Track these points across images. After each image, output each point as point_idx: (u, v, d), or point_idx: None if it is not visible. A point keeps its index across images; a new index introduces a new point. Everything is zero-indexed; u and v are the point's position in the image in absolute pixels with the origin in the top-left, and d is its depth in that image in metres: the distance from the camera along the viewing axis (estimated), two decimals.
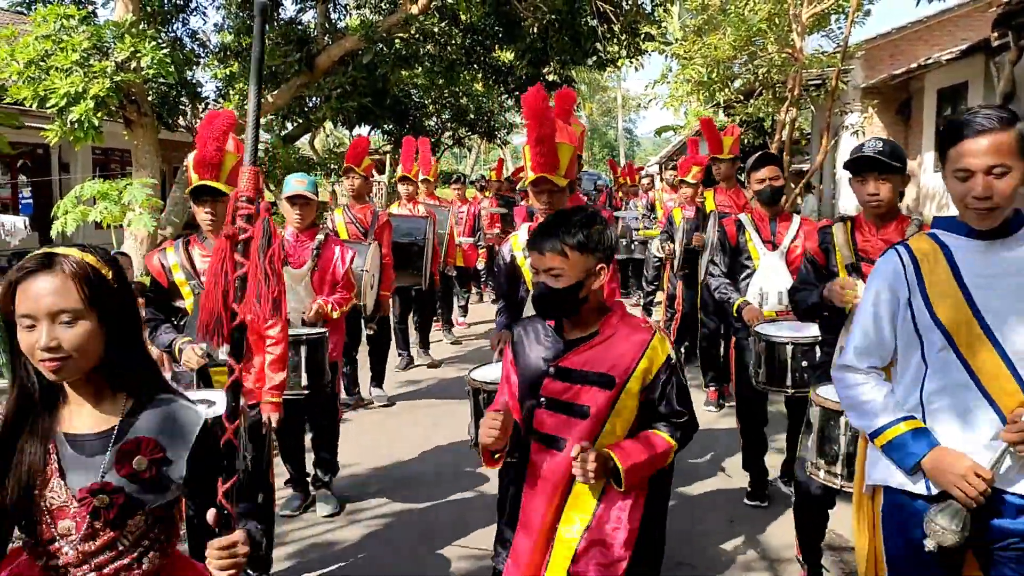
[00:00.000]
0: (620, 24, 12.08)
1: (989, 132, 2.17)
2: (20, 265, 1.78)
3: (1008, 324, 2.23)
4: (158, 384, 1.95)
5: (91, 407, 1.87)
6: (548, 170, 3.45)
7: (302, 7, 14.00)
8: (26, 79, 8.34)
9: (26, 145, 15.64)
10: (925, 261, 2.36)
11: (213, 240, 3.72)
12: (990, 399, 2.24)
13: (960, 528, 2.19)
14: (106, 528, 1.80)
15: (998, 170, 2.17)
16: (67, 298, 1.74)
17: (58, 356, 1.73)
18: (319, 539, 4.57)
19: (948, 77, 13.56)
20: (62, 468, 1.81)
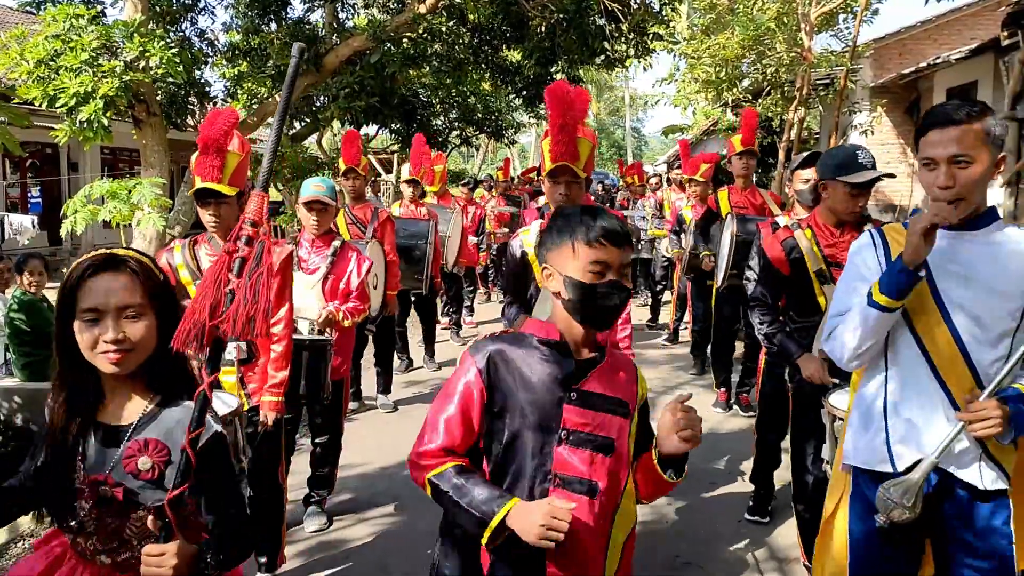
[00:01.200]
0: (628, 23, 12.04)
1: (955, 123, 2.24)
2: (83, 263, 1.90)
3: (965, 312, 2.33)
4: (188, 387, 1.99)
5: (122, 401, 1.99)
6: (569, 159, 3.41)
7: (310, 7, 13.99)
8: (35, 79, 8.35)
9: (35, 144, 15.72)
10: (895, 244, 2.47)
11: (219, 240, 3.72)
12: (942, 381, 2.35)
13: (905, 499, 2.28)
14: (112, 518, 1.92)
15: (961, 160, 2.23)
16: (134, 294, 1.89)
17: (123, 349, 1.86)
18: (326, 538, 4.58)
19: (957, 76, 13.51)
20: (85, 453, 1.94)
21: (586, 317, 2.08)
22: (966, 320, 2.32)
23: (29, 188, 19.09)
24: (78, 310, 1.87)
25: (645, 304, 11.43)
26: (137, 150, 11.92)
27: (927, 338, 2.37)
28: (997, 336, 2.32)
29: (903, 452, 2.41)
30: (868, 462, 2.49)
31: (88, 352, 1.88)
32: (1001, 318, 2.32)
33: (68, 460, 1.93)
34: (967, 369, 2.33)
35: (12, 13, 19.03)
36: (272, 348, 3.79)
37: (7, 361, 7.13)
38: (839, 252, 3.63)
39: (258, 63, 12.58)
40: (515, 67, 14.66)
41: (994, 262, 2.33)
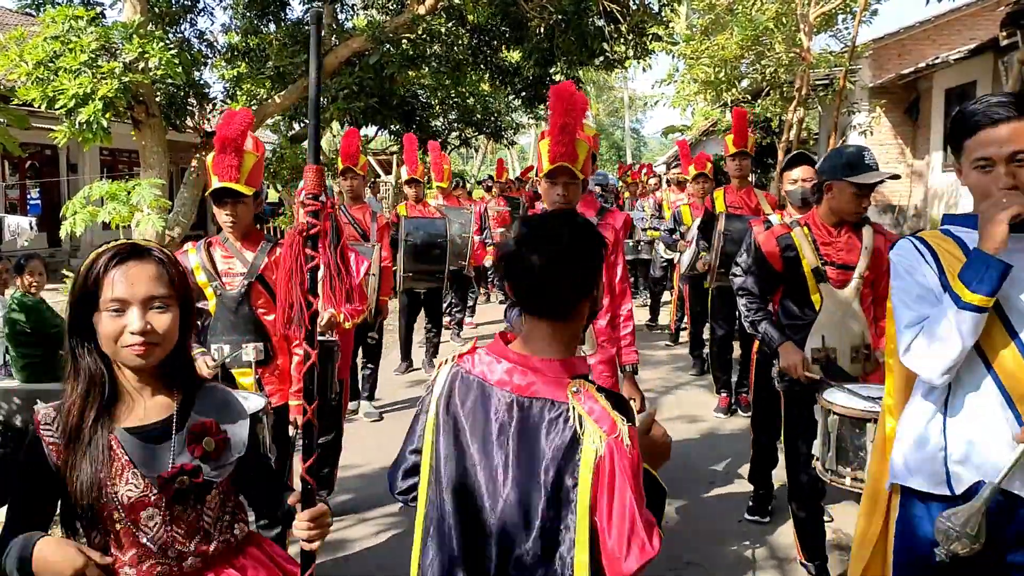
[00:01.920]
0: (627, 24, 12.06)
1: (1008, 120, 2.09)
2: (108, 252, 1.84)
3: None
4: (197, 376, 2.05)
5: (145, 400, 1.93)
6: (568, 159, 3.42)
7: (309, 7, 14.02)
8: (35, 80, 8.35)
9: (35, 146, 15.72)
10: (944, 253, 2.24)
11: (234, 241, 3.73)
12: (1008, 398, 2.11)
13: (975, 532, 2.05)
14: (187, 509, 1.90)
15: (1022, 156, 2.09)
16: (161, 284, 1.85)
17: (149, 341, 1.81)
18: (328, 538, 4.56)
19: (956, 77, 13.52)
20: (132, 460, 1.86)
21: None
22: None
23: (28, 190, 19.08)
24: (102, 300, 1.80)
25: (645, 304, 11.44)
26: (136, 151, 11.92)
27: (991, 351, 2.14)
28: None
29: (962, 474, 2.18)
30: (923, 484, 2.26)
31: (110, 345, 1.82)
32: None
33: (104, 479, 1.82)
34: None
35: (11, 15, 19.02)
36: (295, 352, 3.78)
37: (6, 362, 7.13)
38: (835, 252, 3.65)
39: (257, 64, 12.59)
40: (514, 68, 14.67)
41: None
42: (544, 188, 3.61)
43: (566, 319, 1.85)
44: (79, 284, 1.82)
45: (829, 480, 3.21)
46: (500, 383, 1.83)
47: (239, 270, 3.70)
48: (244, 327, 3.69)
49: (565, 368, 1.82)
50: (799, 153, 4.98)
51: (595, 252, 1.84)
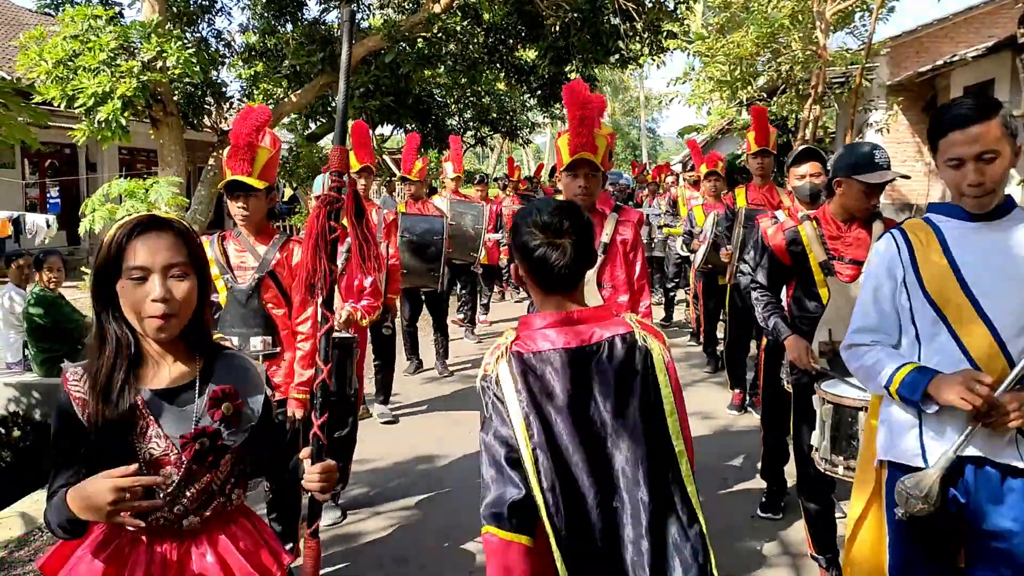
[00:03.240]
0: (642, 22, 12.06)
1: (976, 121, 2.29)
2: (129, 223, 1.93)
3: (998, 302, 2.32)
4: (215, 344, 2.14)
5: (168, 364, 2.03)
6: (588, 150, 3.45)
7: (326, 7, 14.07)
8: (54, 79, 8.45)
9: (54, 145, 15.85)
10: (918, 243, 2.47)
11: (247, 235, 3.79)
12: (978, 370, 2.29)
13: (924, 493, 2.28)
14: (203, 470, 2.00)
15: (988, 156, 2.29)
16: (179, 253, 1.93)
17: (168, 310, 1.90)
18: (340, 532, 4.61)
19: (974, 74, 13.44)
20: (157, 420, 1.97)
21: None
22: (998, 311, 2.31)
23: (48, 188, 19.26)
24: (125, 269, 1.89)
25: (659, 303, 11.44)
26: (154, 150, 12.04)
27: (963, 333, 2.35)
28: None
29: (935, 448, 2.38)
30: (900, 457, 2.47)
31: (133, 314, 1.92)
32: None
33: (131, 436, 1.94)
34: (1006, 362, 2.30)
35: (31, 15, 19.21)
36: (299, 346, 3.84)
37: (25, 357, 7.22)
38: (843, 246, 3.66)
39: (274, 64, 12.67)
40: (529, 66, 14.69)
41: (1017, 250, 2.35)
42: (565, 181, 3.64)
43: (581, 282, 2.13)
44: (103, 253, 1.91)
45: (824, 469, 3.27)
46: (565, 345, 2.03)
47: (251, 264, 3.77)
48: (253, 320, 3.75)
49: (610, 310, 2.16)
50: (806, 148, 4.97)
51: (591, 227, 2.14)
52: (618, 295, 3.79)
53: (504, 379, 2.03)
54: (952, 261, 2.38)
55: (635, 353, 2.04)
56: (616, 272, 3.80)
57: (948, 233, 2.43)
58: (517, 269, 2.14)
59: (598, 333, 2.05)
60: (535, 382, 2.01)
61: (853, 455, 3.10)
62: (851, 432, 3.15)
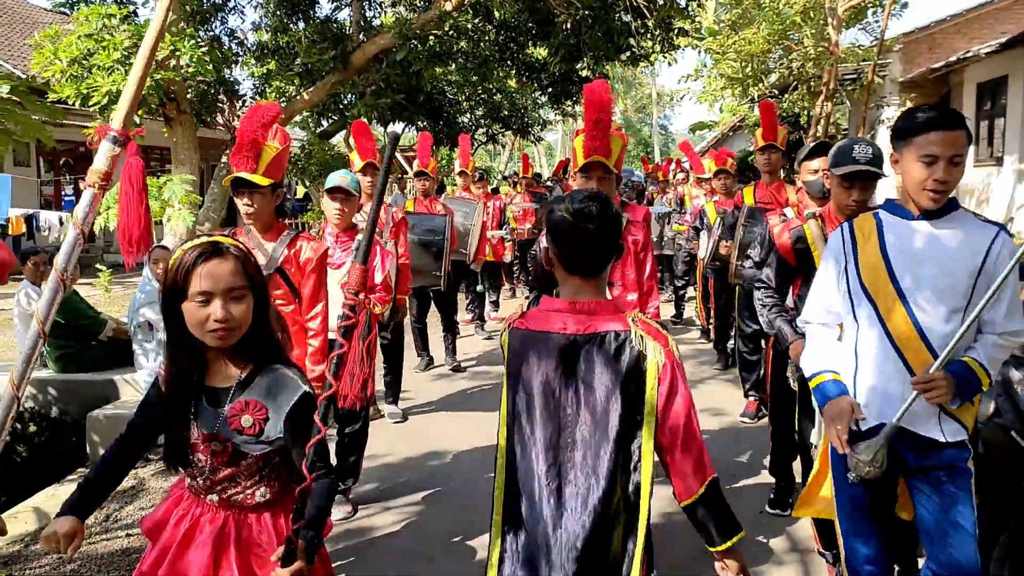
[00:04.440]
0: (654, 19, 12.04)
1: (955, 128, 2.56)
2: (193, 250, 2.16)
3: (920, 293, 2.64)
4: (277, 356, 2.32)
5: (223, 368, 2.28)
6: (602, 153, 3.50)
7: (338, 5, 14.10)
8: (69, 77, 8.50)
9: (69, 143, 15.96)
10: (861, 235, 2.80)
11: (256, 232, 3.82)
12: (903, 357, 2.67)
13: (873, 461, 2.62)
14: (224, 466, 2.24)
15: (956, 159, 2.56)
16: (238, 277, 2.16)
17: (228, 326, 2.13)
18: (351, 527, 4.65)
19: (987, 70, 13.38)
20: (196, 412, 2.25)
21: None
22: (920, 300, 2.64)
23: (63, 186, 19.39)
24: (190, 293, 2.12)
25: (669, 300, 11.44)
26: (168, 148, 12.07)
27: (887, 317, 2.69)
28: (948, 313, 2.63)
29: (866, 415, 2.71)
30: None
31: (198, 329, 2.14)
32: (950, 297, 2.62)
33: (184, 419, 2.24)
34: (922, 344, 2.64)
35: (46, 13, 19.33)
36: (309, 343, 3.87)
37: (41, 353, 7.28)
38: None
39: (286, 62, 12.70)
40: (541, 64, 14.67)
41: (948, 246, 2.63)
42: (579, 182, 3.68)
43: (601, 274, 2.25)
44: (170, 278, 2.15)
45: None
46: (560, 329, 2.18)
47: (260, 261, 3.77)
48: None
49: (616, 307, 2.24)
50: (819, 143, 4.92)
51: (620, 220, 2.28)
52: (627, 294, 3.83)
53: (505, 350, 2.30)
54: (884, 253, 2.70)
55: (624, 351, 2.14)
56: (626, 271, 3.84)
57: (887, 227, 2.74)
58: (547, 251, 2.26)
59: (594, 325, 2.17)
60: (519, 358, 2.22)
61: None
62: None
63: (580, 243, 2.16)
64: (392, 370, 6.72)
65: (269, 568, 2.15)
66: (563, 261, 2.21)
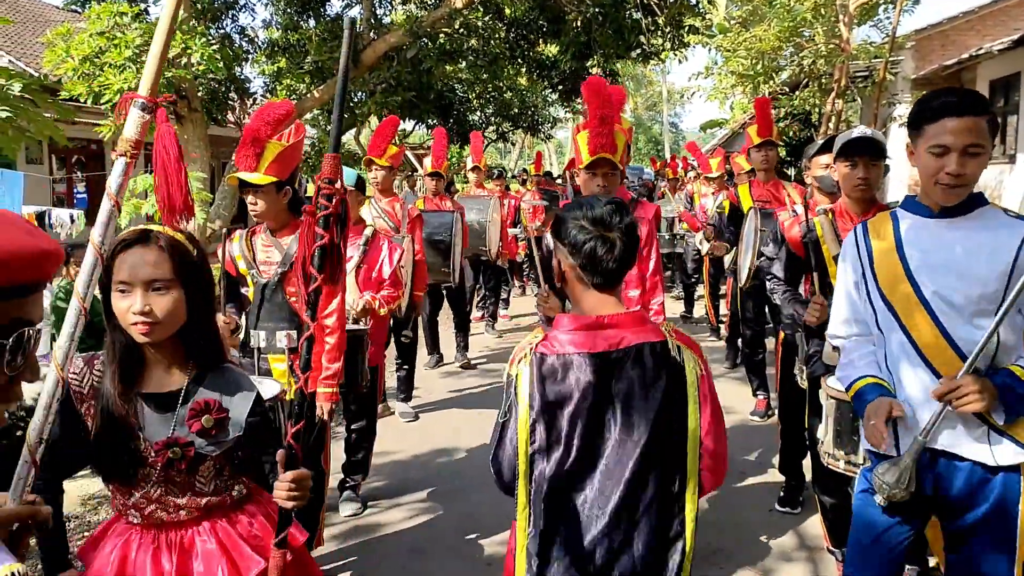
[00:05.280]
0: (664, 17, 12.04)
1: (971, 113, 2.28)
2: (120, 238, 2.02)
3: (944, 298, 2.38)
4: (221, 355, 2.19)
5: (163, 370, 2.12)
6: (608, 150, 3.49)
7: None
8: (81, 75, 8.54)
9: (81, 140, 16.03)
10: (876, 237, 2.56)
11: (271, 229, 3.81)
12: (928, 364, 2.40)
13: (899, 483, 2.34)
14: (179, 474, 2.08)
15: (973, 149, 2.29)
16: (161, 269, 1.99)
17: (149, 320, 1.97)
18: (361, 523, 4.66)
19: (1000, 68, 13.30)
20: (140, 422, 2.07)
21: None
22: (944, 305, 2.38)
23: (75, 183, 19.48)
24: (113, 281, 1.99)
25: (679, 298, 11.42)
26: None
27: (911, 325, 2.43)
28: (975, 316, 2.36)
29: (904, 437, 2.46)
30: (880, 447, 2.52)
31: (123, 322, 2.00)
32: (976, 300, 2.35)
33: (126, 430, 2.05)
34: (953, 352, 2.36)
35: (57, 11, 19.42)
36: (325, 340, 3.83)
37: (52, 349, 7.31)
38: None
39: (297, 59, 12.74)
40: (551, 62, 14.68)
41: (972, 247, 2.37)
42: (584, 179, 3.65)
43: (620, 284, 2.16)
44: (103, 267, 1.98)
45: (827, 463, 3.24)
46: (591, 348, 2.04)
47: (275, 259, 3.76)
48: (279, 314, 3.76)
49: (643, 316, 2.15)
50: (831, 139, 4.88)
51: (637, 226, 2.16)
52: (629, 289, 3.81)
53: (523, 381, 2.07)
54: (902, 255, 2.45)
55: (664, 365, 2.05)
56: None
57: (904, 228, 2.50)
58: (559, 264, 2.14)
59: (627, 339, 2.05)
60: (553, 386, 2.04)
61: (855, 450, 3.08)
62: (853, 427, 3.11)
63: (604, 255, 2.05)
64: (405, 367, 6.75)
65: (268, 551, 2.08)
66: (585, 274, 2.08)
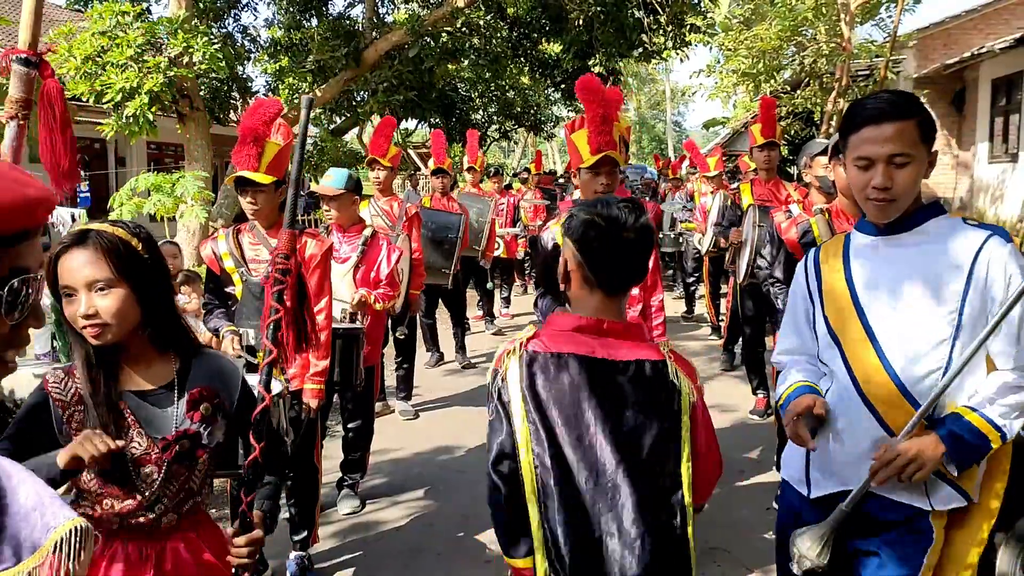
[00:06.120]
0: (666, 15, 12.05)
1: (892, 119, 2.04)
2: (58, 242, 1.95)
3: (890, 330, 2.11)
4: (196, 342, 2.17)
5: (146, 366, 2.08)
6: (611, 148, 3.47)
7: (351, 2, 14.20)
8: (83, 75, 8.58)
9: (84, 139, 16.07)
10: (826, 263, 2.30)
11: (261, 228, 3.82)
12: (871, 407, 2.12)
13: (818, 555, 2.13)
14: (182, 470, 2.06)
15: (899, 159, 2.04)
16: (99, 269, 1.90)
17: (96, 322, 1.90)
18: (359, 520, 4.68)
19: (1003, 67, 13.28)
20: (139, 420, 2.02)
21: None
22: (893, 337, 2.11)
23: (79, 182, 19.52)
24: (59, 287, 1.93)
25: (680, 297, 11.43)
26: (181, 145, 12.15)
27: (854, 360, 2.15)
28: (928, 350, 2.07)
29: (819, 480, 2.25)
30: (791, 478, 2.38)
31: (75, 326, 1.94)
32: (930, 330, 2.07)
33: (119, 432, 1.97)
34: (899, 392, 2.08)
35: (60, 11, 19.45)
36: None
37: (54, 348, 7.35)
38: None
39: (299, 58, 12.77)
40: (553, 60, 14.70)
41: (918, 266, 2.11)
42: (586, 179, 3.59)
43: (627, 293, 2.06)
44: (47, 272, 1.93)
45: None
46: (589, 352, 1.95)
47: (265, 257, 3.76)
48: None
49: (643, 330, 2.07)
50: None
51: (653, 231, 2.03)
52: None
53: (512, 379, 1.96)
54: (849, 280, 2.21)
55: (663, 385, 1.95)
56: None
57: (854, 250, 2.25)
58: (566, 263, 2.02)
59: (627, 352, 1.96)
60: (546, 386, 1.93)
61: None
62: None
63: (614, 254, 1.93)
64: (405, 365, 6.77)
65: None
66: (590, 274, 1.96)
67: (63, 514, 0.99)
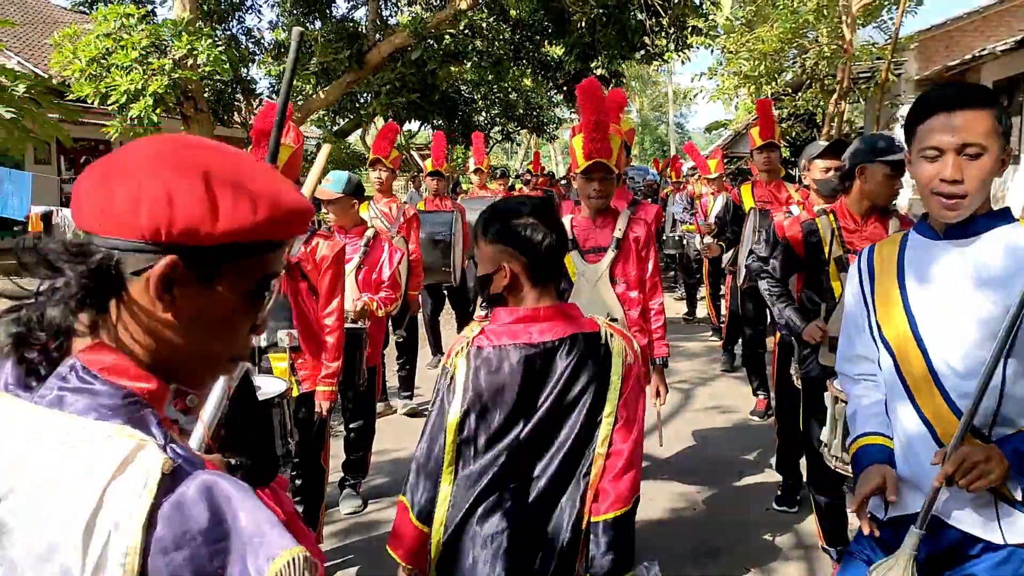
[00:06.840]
0: (668, 18, 12.08)
1: (967, 107, 1.88)
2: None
3: (939, 339, 1.96)
4: None
5: None
6: (603, 155, 3.50)
7: (354, 4, 14.23)
8: (88, 76, 8.61)
9: (88, 141, 16.12)
10: (880, 265, 2.15)
11: None
12: (924, 418, 1.98)
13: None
14: None
15: (972, 149, 1.87)
16: None
17: None
18: (361, 520, 4.71)
19: (1004, 68, 13.29)
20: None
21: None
22: (941, 348, 1.96)
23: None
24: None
25: (681, 298, 11.46)
26: None
27: (905, 369, 2.01)
28: (976, 365, 1.89)
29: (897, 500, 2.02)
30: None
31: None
32: (979, 343, 1.90)
33: None
34: (946, 405, 1.94)
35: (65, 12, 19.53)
36: (325, 339, 3.90)
37: None
38: (859, 242, 3.61)
39: (302, 60, 12.79)
40: (556, 62, 14.72)
41: (980, 275, 1.94)
42: (579, 183, 3.66)
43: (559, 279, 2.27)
44: None
45: (834, 467, 3.10)
46: (528, 340, 2.09)
47: None
48: (280, 314, 3.80)
49: (576, 310, 2.20)
50: (836, 142, 4.86)
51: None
52: (630, 291, 3.84)
53: (459, 374, 2.12)
54: (902, 287, 2.05)
55: (594, 352, 2.11)
56: (628, 268, 3.82)
57: (910, 253, 2.07)
58: (507, 271, 2.08)
59: (561, 329, 2.10)
60: (487, 377, 2.08)
61: None
62: None
63: (551, 248, 2.08)
64: (407, 366, 6.82)
65: None
66: (534, 272, 2.09)
67: (280, 543, 0.99)
